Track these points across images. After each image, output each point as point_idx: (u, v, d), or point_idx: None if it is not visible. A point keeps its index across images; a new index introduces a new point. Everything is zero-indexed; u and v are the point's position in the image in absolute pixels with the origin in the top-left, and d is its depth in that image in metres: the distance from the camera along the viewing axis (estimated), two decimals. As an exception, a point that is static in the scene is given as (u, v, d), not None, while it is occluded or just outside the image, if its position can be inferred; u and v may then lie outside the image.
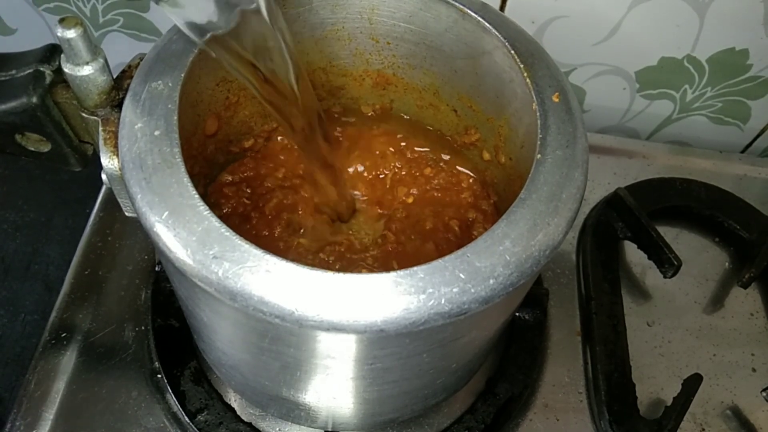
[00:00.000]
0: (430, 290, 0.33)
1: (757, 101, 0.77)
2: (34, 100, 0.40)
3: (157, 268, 0.60)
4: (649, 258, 0.66)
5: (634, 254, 0.68)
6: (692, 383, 0.57)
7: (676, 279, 0.65)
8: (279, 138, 0.55)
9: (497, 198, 0.54)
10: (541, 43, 0.58)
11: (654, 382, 0.61)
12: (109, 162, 0.40)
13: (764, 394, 0.59)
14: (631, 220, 0.67)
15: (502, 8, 0.67)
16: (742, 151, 0.85)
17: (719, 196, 0.72)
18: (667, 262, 0.64)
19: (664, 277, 0.65)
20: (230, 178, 0.53)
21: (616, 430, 0.56)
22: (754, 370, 0.63)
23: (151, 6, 0.71)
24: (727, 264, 0.70)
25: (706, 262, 0.70)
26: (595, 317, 0.62)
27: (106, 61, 0.39)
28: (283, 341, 0.38)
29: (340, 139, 0.56)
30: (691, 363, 0.63)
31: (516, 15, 0.60)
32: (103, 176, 0.41)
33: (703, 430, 0.60)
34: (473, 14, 0.45)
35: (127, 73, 0.42)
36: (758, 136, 0.82)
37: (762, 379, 0.62)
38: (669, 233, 0.70)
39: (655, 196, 0.71)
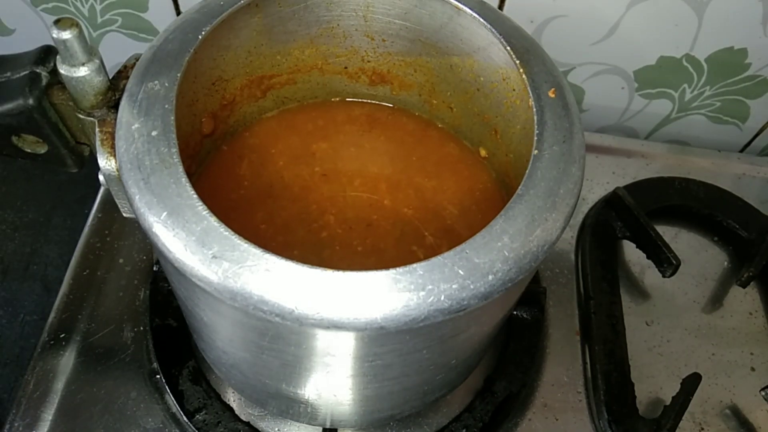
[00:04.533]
0: (430, 287, 0.33)
1: (755, 100, 0.77)
2: (31, 102, 0.40)
3: (155, 268, 0.60)
4: (648, 257, 0.66)
5: (633, 254, 0.68)
6: (691, 382, 0.57)
7: (675, 278, 0.65)
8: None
9: None
10: (540, 42, 0.58)
11: (653, 382, 0.61)
12: (106, 163, 0.40)
13: (763, 393, 0.59)
14: (629, 219, 0.67)
15: (500, 7, 0.67)
16: (741, 150, 0.85)
17: (718, 196, 0.72)
18: (666, 261, 0.64)
19: (663, 276, 0.65)
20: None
21: (615, 429, 0.56)
22: (753, 369, 0.63)
23: (150, 6, 0.71)
24: (725, 263, 0.70)
25: (705, 262, 0.70)
26: (594, 317, 0.62)
27: (101, 61, 0.39)
28: (284, 340, 0.38)
29: None
30: (690, 362, 0.63)
31: (515, 14, 0.60)
32: (101, 177, 0.41)
33: (702, 429, 0.59)
34: (468, 11, 0.45)
35: (123, 74, 0.42)
36: (757, 135, 0.82)
37: (761, 378, 0.62)
38: (668, 232, 0.70)
39: (654, 195, 0.71)
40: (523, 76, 0.42)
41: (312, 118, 0.56)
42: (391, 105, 0.57)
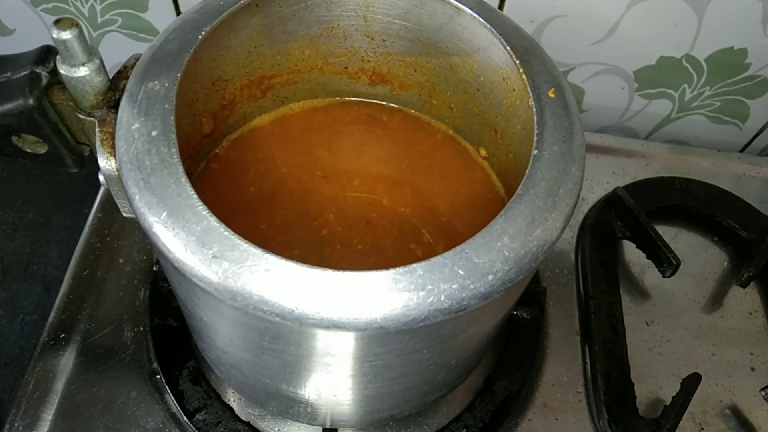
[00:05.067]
0: (430, 287, 0.33)
1: (755, 100, 0.77)
2: (31, 102, 0.40)
3: (155, 268, 0.60)
4: (648, 257, 0.66)
5: (632, 254, 0.68)
6: (691, 382, 0.57)
7: (675, 278, 0.65)
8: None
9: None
10: (540, 42, 0.58)
11: (653, 382, 0.61)
12: (106, 163, 0.40)
13: (763, 393, 0.59)
14: (629, 219, 0.67)
15: (500, 7, 0.67)
16: (741, 150, 0.85)
17: (718, 196, 0.72)
18: (665, 261, 0.64)
19: (663, 276, 0.65)
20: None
21: (615, 429, 0.56)
22: (752, 369, 0.63)
23: (150, 6, 0.71)
24: (725, 263, 0.70)
25: (704, 262, 0.70)
26: (594, 317, 0.62)
27: (101, 61, 0.39)
28: (284, 340, 0.38)
29: None
30: (690, 362, 0.63)
31: (515, 14, 0.60)
32: (101, 177, 0.41)
33: (702, 429, 0.60)
34: (468, 11, 0.45)
35: (123, 74, 0.42)
36: (757, 135, 0.82)
37: (761, 378, 0.62)
38: (668, 232, 0.70)
39: (654, 195, 0.71)
40: (523, 76, 0.42)
41: (312, 118, 0.56)
42: (391, 105, 0.57)
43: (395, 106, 0.57)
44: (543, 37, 0.70)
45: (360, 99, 0.57)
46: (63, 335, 0.59)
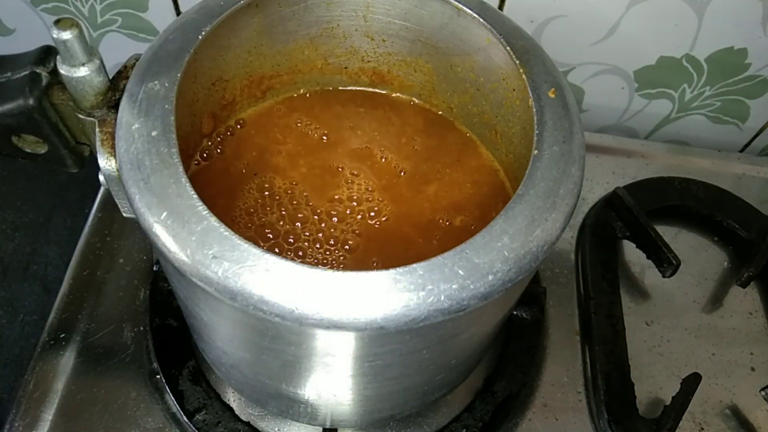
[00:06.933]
0: (430, 287, 0.33)
1: (755, 100, 0.77)
2: (31, 102, 0.40)
3: (155, 268, 0.60)
4: (648, 257, 0.66)
5: (632, 254, 0.68)
6: (691, 382, 0.57)
7: (675, 278, 0.65)
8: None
9: None
10: (540, 42, 0.58)
11: (653, 382, 0.61)
12: (106, 163, 0.40)
13: (763, 393, 0.59)
14: (629, 219, 0.67)
15: (500, 7, 0.67)
16: (741, 150, 0.85)
17: (718, 196, 0.72)
18: (665, 261, 0.64)
19: (663, 276, 0.65)
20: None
21: (615, 429, 0.56)
22: (752, 369, 0.63)
23: (150, 6, 0.71)
24: (725, 263, 0.70)
25: (704, 262, 0.70)
26: (594, 317, 0.62)
27: (102, 62, 0.39)
28: (284, 339, 0.38)
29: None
30: (690, 362, 0.63)
31: (515, 14, 0.60)
32: (101, 177, 0.41)
33: (702, 429, 0.60)
34: (468, 11, 0.45)
35: (123, 74, 0.42)
36: (757, 135, 0.82)
37: (761, 378, 0.62)
38: (668, 232, 0.70)
39: (654, 195, 0.71)
40: (523, 76, 0.42)
41: (311, 117, 0.56)
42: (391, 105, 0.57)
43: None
44: (543, 37, 0.70)
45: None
46: (63, 335, 0.59)
